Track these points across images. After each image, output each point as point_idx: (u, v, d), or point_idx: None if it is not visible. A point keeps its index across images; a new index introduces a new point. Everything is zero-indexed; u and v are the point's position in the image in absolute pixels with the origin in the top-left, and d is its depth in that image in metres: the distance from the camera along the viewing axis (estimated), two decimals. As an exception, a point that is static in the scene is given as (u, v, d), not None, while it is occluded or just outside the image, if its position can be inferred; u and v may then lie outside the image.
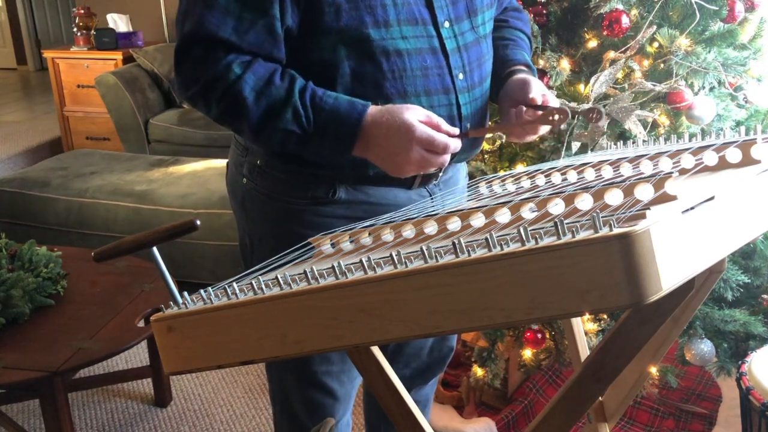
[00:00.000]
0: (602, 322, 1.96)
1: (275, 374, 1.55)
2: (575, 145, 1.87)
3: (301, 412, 1.52)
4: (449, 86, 1.30)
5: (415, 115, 1.18)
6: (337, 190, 1.33)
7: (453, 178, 1.48)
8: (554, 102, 1.35)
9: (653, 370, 1.95)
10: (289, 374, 1.50)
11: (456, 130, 1.22)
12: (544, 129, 1.35)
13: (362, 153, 1.22)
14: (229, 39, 1.18)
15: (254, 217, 1.41)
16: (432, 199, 1.40)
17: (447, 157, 1.21)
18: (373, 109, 1.20)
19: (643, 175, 0.90)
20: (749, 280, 1.93)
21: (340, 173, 1.32)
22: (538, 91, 1.32)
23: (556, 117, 1.26)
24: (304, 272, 0.87)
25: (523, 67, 1.41)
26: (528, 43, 1.51)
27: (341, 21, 1.19)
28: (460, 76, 1.31)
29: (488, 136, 2.09)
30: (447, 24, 1.29)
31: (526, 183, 1.17)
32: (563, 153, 1.83)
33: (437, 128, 1.20)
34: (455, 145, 1.20)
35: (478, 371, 2.19)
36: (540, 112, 1.30)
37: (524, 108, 1.32)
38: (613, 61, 1.84)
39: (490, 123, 1.97)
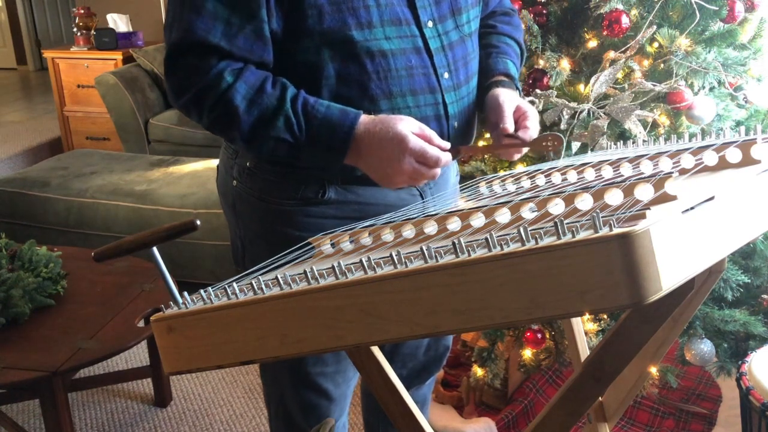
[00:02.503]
0: (602, 322, 1.96)
1: (270, 376, 1.54)
2: (575, 145, 1.87)
3: (296, 413, 1.51)
4: (435, 85, 1.30)
5: (408, 126, 1.18)
6: (327, 191, 1.32)
7: (443, 176, 1.47)
8: (533, 117, 1.33)
9: (653, 370, 1.95)
10: (284, 376, 1.49)
11: (448, 144, 1.22)
12: (526, 147, 1.33)
13: (354, 162, 1.22)
14: (219, 44, 1.17)
15: (245, 219, 1.40)
16: (423, 198, 1.40)
17: (438, 171, 1.21)
18: (365, 118, 1.20)
19: (643, 175, 0.90)
20: (749, 280, 1.93)
21: (329, 173, 1.31)
22: (510, 115, 1.31)
23: (549, 144, 1.27)
24: (304, 272, 0.87)
25: (502, 78, 1.40)
26: (516, 47, 1.50)
27: (324, 23, 1.19)
28: (446, 75, 1.31)
29: (487, 135, 2.09)
30: (430, 24, 1.29)
31: (526, 183, 1.17)
32: (563, 153, 1.83)
33: (430, 141, 1.19)
34: (446, 158, 1.20)
35: (478, 371, 2.19)
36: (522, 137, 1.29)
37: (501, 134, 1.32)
38: (613, 61, 1.84)
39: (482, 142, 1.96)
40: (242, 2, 1.17)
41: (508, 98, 1.33)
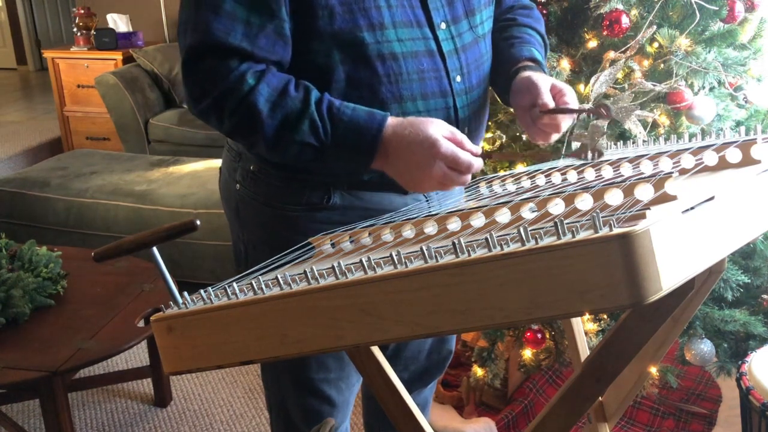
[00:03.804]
0: (602, 322, 1.96)
1: (271, 381, 1.53)
2: (575, 145, 1.87)
3: (298, 419, 1.50)
4: (446, 89, 1.26)
5: (439, 130, 1.14)
6: (332, 196, 1.30)
7: None
8: (570, 93, 1.28)
9: (653, 370, 1.95)
10: (286, 381, 1.47)
11: (479, 149, 1.17)
12: (565, 125, 1.27)
13: (381, 166, 1.19)
14: (241, 45, 1.14)
15: (248, 223, 1.38)
16: (428, 202, 1.38)
17: (468, 178, 1.16)
18: (393, 120, 1.16)
19: (643, 175, 0.90)
20: (749, 280, 1.93)
21: (334, 179, 1.29)
22: (548, 91, 1.25)
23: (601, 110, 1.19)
24: (304, 272, 0.87)
25: (528, 63, 1.34)
26: (539, 38, 1.44)
27: (335, 24, 1.17)
28: (458, 78, 1.28)
29: (488, 135, 2.09)
30: (443, 25, 1.26)
31: (526, 183, 1.17)
32: (563, 153, 1.83)
33: (461, 145, 1.15)
34: (478, 164, 1.15)
35: (478, 371, 2.19)
36: (562, 124, 1.23)
37: (539, 111, 1.25)
38: (613, 61, 1.84)
39: (507, 146, 1.88)
40: (262, 1, 1.14)
41: (541, 78, 1.26)
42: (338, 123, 1.16)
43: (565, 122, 1.27)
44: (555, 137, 1.29)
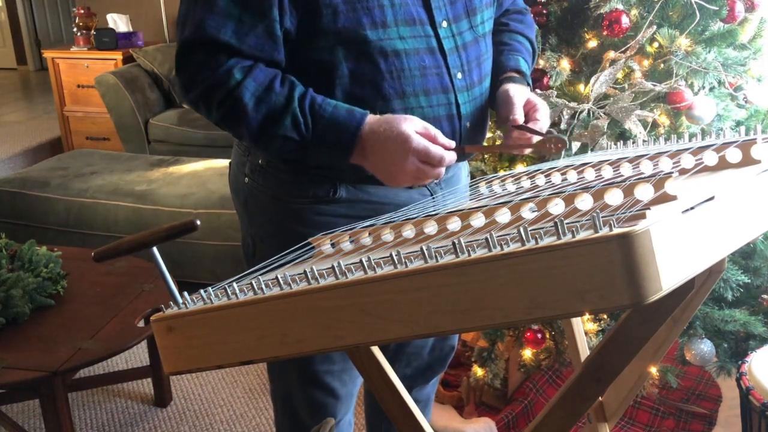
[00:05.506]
0: (602, 322, 1.96)
1: (277, 373, 1.55)
2: (575, 145, 1.87)
3: (302, 411, 1.52)
4: (448, 86, 1.30)
5: (412, 125, 1.19)
6: (338, 190, 1.33)
7: (455, 176, 1.48)
8: (543, 110, 1.34)
9: (653, 370, 1.95)
10: (291, 374, 1.50)
11: (452, 143, 1.22)
12: (535, 139, 1.32)
13: (360, 161, 1.23)
14: (230, 42, 1.19)
15: (257, 216, 1.41)
16: (433, 197, 1.40)
17: (442, 170, 1.21)
18: (371, 118, 1.21)
19: (643, 175, 0.90)
20: (749, 280, 1.93)
21: (341, 173, 1.32)
22: (521, 107, 1.32)
23: (553, 146, 1.27)
24: (304, 272, 0.87)
25: (513, 74, 1.41)
26: (528, 45, 1.50)
27: (339, 22, 1.20)
28: (459, 75, 1.32)
29: (489, 135, 2.09)
30: (445, 24, 1.30)
31: (526, 183, 1.17)
32: (563, 153, 1.83)
33: (434, 140, 1.20)
34: (450, 157, 1.20)
35: (478, 371, 2.19)
36: (533, 137, 1.30)
37: (510, 126, 1.32)
38: (613, 61, 1.84)
39: (489, 130, 1.95)
40: (254, 1, 1.18)
41: (519, 92, 1.35)
42: (319, 119, 1.20)
43: (535, 137, 1.32)
44: (528, 150, 1.36)
